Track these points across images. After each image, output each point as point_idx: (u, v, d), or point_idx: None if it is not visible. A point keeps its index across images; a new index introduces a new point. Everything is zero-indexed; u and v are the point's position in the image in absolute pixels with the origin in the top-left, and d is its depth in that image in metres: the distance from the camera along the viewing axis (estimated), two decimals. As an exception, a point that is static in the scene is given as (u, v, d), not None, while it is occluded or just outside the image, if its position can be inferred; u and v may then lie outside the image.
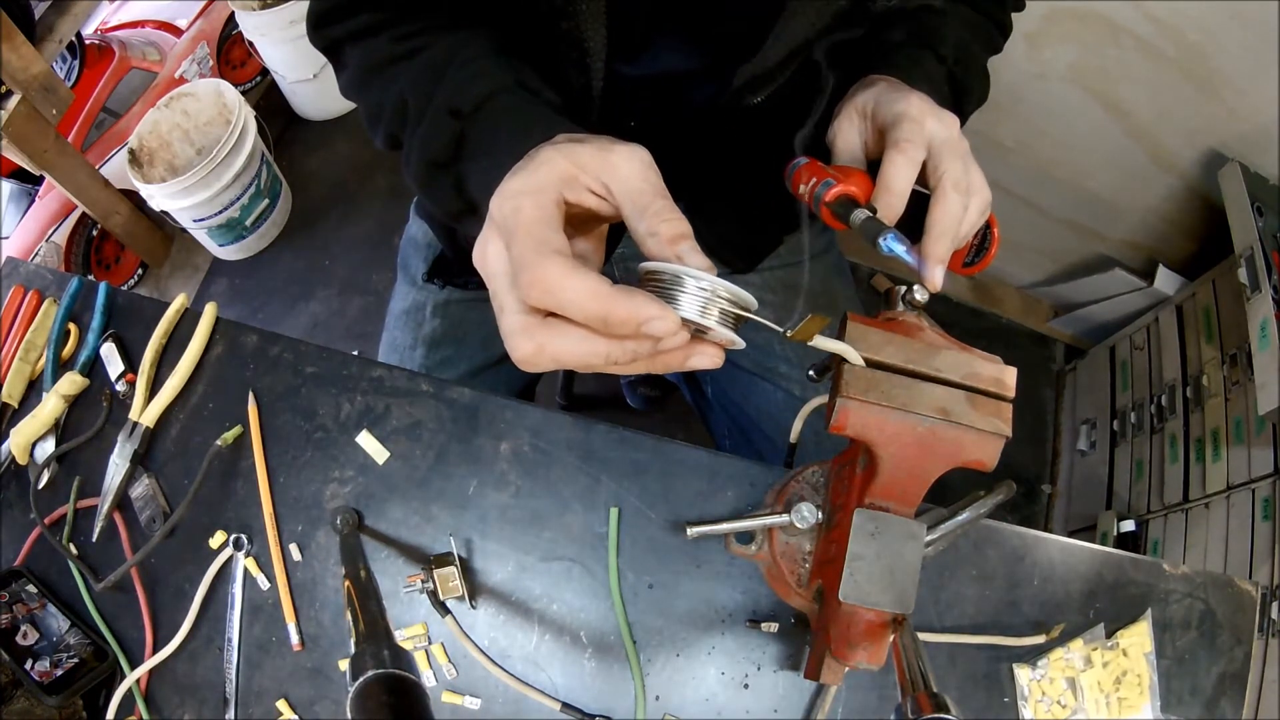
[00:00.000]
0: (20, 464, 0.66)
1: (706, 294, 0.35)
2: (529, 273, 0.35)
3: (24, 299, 0.70)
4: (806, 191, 0.53)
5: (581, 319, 0.34)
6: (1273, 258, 1.13)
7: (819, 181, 0.52)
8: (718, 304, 0.36)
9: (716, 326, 0.36)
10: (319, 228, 1.95)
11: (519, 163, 0.40)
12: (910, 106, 0.50)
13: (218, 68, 1.97)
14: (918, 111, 0.50)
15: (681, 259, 0.36)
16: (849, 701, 0.60)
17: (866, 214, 0.49)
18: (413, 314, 0.83)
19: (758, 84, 0.60)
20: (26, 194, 1.76)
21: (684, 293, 0.35)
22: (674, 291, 0.36)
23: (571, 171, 0.38)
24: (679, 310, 0.35)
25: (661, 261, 0.36)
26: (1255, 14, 1.07)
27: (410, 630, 0.61)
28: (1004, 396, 0.45)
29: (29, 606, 0.61)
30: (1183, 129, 1.29)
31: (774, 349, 0.81)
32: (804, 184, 0.54)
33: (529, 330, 0.36)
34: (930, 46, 0.59)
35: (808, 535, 0.55)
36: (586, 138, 0.40)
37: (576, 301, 0.34)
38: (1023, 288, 1.84)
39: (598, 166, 0.38)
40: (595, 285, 0.34)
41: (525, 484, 0.63)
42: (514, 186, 0.38)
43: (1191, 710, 0.62)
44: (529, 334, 0.36)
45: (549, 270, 0.34)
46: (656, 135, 0.68)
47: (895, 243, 0.46)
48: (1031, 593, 0.62)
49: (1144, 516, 1.37)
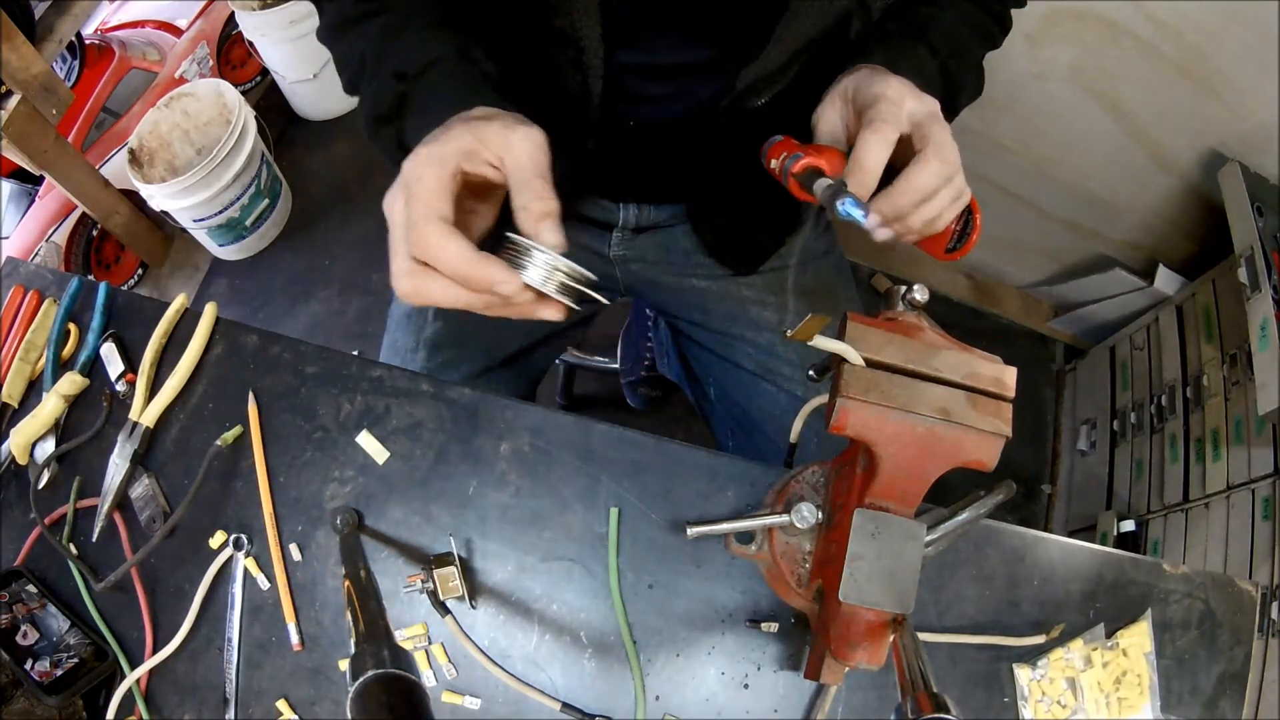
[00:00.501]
0: (20, 464, 0.66)
1: (549, 267, 0.44)
2: (416, 231, 0.43)
3: (24, 299, 0.70)
4: (778, 166, 0.54)
5: (448, 274, 0.43)
6: (1273, 258, 1.13)
7: (789, 155, 0.53)
8: (557, 276, 0.44)
9: (554, 294, 0.44)
10: (319, 228, 1.95)
11: (435, 130, 0.46)
12: (888, 88, 0.50)
13: (218, 68, 1.97)
14: (896, 93, 0.50)
15: (539, 234, 0.44)
16: (849, 701, 0.60)
17: (829, 181, 0.49)
18: (414, 317, 0.83)
19: (761, 86, 0.60)
20: (26, 194, 1.76)
21: (531, 264, 0.44)
22: (523, 261, 0.44)
23: (474, 146, 0.45)
24: (525, 276, 0.43)
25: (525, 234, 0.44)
26: (1255, 14, 1.07)
27: (410, 630, 0.61)
28: (1004, 396, 0.45)
29: (29, 606, 0.61)
30: (1183, 129, 1.29)
31: (777, 351, 0.81)
32: (776, 159, 0.54)
33: (411, 274, 0.44)
34: (923, 38, 0.59)
35: (808, 535, 0.55)
36: (496, 114, 0.47)
37: (446, 261, 0.42)
38: (1023, 288, 1.84)
39: (498, 143, 0.45)
40: (461, 250, 0.42)
41: (525, 484, 0.63)
42: (422, 155, 0.45)
43: (1191, 710, 0.62)
44: (410, 276, 0.44)
45: (430, 233, 0.42)
46: (658, 136, 0.69)
47: (853, 207, 0.46)
48: (1031, 593, 0.62)
49: (1144, 516, 1.37)
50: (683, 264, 0.83)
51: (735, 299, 0.83)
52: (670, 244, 0.82)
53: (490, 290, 0.43)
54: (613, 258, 0.83)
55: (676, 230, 0.81)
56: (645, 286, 0.87)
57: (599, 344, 1.51)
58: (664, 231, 0.81)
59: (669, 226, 0.81)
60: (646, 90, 0.65)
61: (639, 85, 0.64)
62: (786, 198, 0.56)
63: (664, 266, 0.84)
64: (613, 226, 0.80)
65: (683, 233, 0.81)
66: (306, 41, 1.82)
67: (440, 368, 0.81)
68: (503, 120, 0.46)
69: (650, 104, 0.66)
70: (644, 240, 0.82)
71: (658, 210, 0.79)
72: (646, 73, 0.63)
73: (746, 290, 0.83)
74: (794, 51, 0.58)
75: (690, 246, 0.81)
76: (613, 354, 1.42)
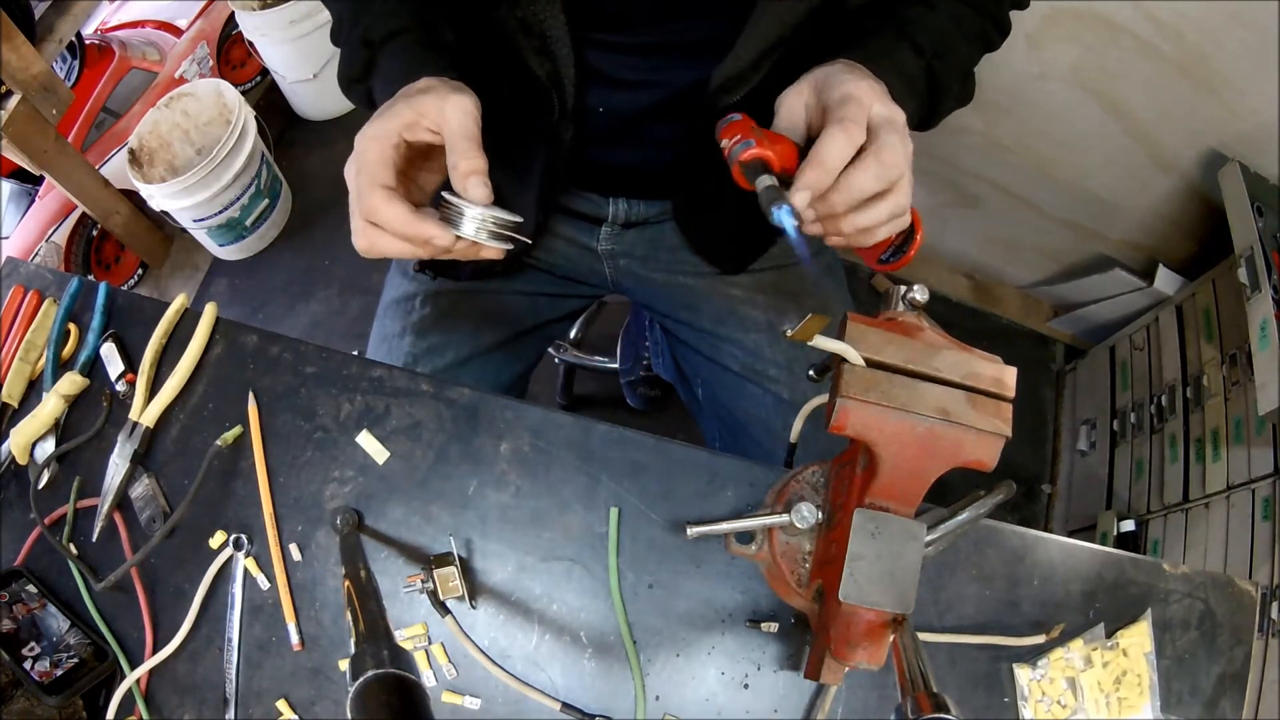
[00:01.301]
0: (20, 464, 0.66)
1: (479, 219, 0.51)
2: (364, 199, 0.51)
3: (24, 299, 0.70)
4: (727, 147, 0.53)
5: (392, 232, 0.51)
6: (1273, 258, 1.13)
7: (741, 140, 0.52)
8: (487, 226, 0.51)
9: (487, 241, 0.52)
10: (319, 228, 1.95)
11: (381, 105, 0.53)
12: (859, 89, 0.50)
13: (218, 68, 1.97)
14: (865, 95, 0.50)
15: (467, 189, 0.51)
16: (849, 701, 0.60)
17: (771, 181, 0.48)
18: (403, 303, 0.83)
19: (733, 84, 0.60)
20: (26, 194, 1.76)
21: (464, 219, 0.51)
22: (455, 217, 0.51)
23: (412, 118, 0.51)
24: (460, 230, 0.51)
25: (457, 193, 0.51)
26: (1255, 14, 1.07)
27: (410, 630, 0.61)
28: (1004, 396, 0.45)
29: (29, 606, 0.61)
30: (1183, 129, 1.29)
31: (763, 352, 0.80)
32: (728, 139, 0.53)
33: (364, 232, 0.52)
34: (909, 36, 0.57)
35: (808, 535, 0.55)
36: (433, 86, 0.53)
37: (389, 222, 0.50)
38: (1023, 288, 1.84)
39: (433, 113, 0.51)
40: (400, 213, 0.50)
41: (525, 484, 0.63)
42: (369, 131, 0.52)
43: (1191, 710, 0.62)
44: (364, 234, 0.52)
45: (375, 199, 0.50)
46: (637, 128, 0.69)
47: (788, 217, 0.45)
48: (1031, 593, 0.62)
49: (1144, 516, 1.37)
50: (671, 261, 0.83)
51: (723, 297, 0.82)
52: (659, 240, 0.82)
53: (428, 244, 0.51)
54: (601, 252, 0.83)
55: (665, 226, 0.81)
56: (634, 283, 0.87)
57: (598, 344, 1.51)
58: (653, 227, 0.81)
59: (658, 222, 0.81)
60: (619, 74, 0.65)
61: (610, 68, 0.64)
62: None
63: (653, 263, 0.84)
64: (602, 221, 0.80)
65: (671, 229, 0.81)
66: (306, 41, 1.82)
67: (426, 352, 0.80)
68: (437, 91, 0.52)
69: (626, 89, 0.66)
70: (633, 235, 0.82)
71: (647, 206, 0.79)
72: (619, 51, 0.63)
73: (735, 289, 0.82)
74: (763, 50, 0.58)
75: (678, 243, 0.81)
76: (612, 354, 1.42)
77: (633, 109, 0.67)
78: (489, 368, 0.84)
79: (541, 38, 0.59)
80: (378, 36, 0.59)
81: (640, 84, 0.66)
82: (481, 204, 0.51)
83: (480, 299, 0.84)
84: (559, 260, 0.85)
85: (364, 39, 0.60)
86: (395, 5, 0.60)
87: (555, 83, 0.62)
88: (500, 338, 0.85)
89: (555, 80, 0.62)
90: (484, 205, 0.51)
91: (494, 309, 0.84)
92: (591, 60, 0.63)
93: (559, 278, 0.88)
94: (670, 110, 0.66)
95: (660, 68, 0.65)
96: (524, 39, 0.60)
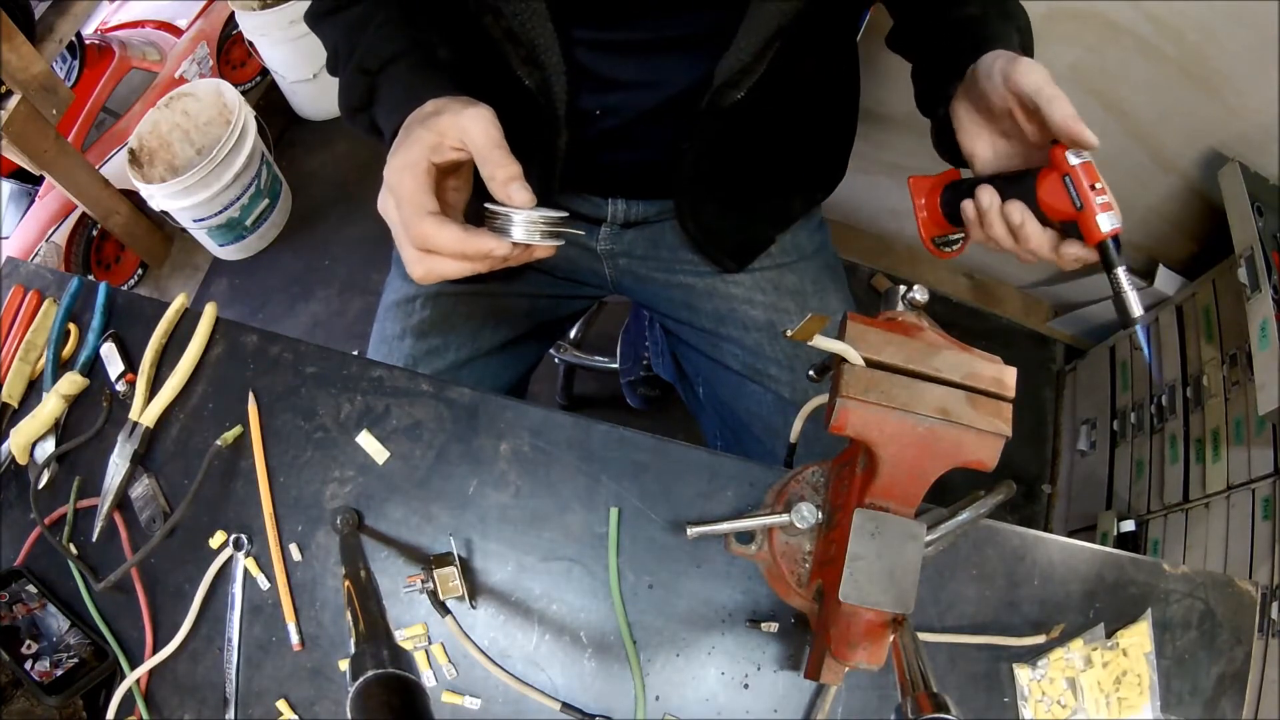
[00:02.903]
0: (20, 464, 0.66)
1: (529, 221, 0.52)
2: (413, 229, 0.51)
3: (24, 299, 0.70)
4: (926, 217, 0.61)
5: (449, 254, 0.51)
6: (1273, 258, 1.13)
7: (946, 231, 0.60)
8: (538, 227, 0.52)
9: (540, 241, 0.52)
10: (319, 228, 1.95)
11: (398, 138, 0.54)
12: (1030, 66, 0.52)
13: (218, 68, 1.97)
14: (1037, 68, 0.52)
15: (510, 197, 0.51)
16: (849, 701, 0.60)
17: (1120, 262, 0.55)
18: (403, 305, 0.83)
19: (738, 79, 0.60)
20: (26, 194, 1.76)
21: (513, 225, 0.52)
22: (506, 225, 0.52)
23: (435, 140, 0.52)
24: (513, 235, 0.52)
25: (500, 201, 0.52)
26: (1255, 14, 1.07)
27: (410, 630, 0.61)
28: (1004, 396, 0.45)
29: (29, 606, 0.61)
30: (1183, 129, 1.29)
31: (764, 351, 0.80)
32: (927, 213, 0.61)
33: (420, 260, 0.52)
34: (1010, 17, 0.60)
35: (808, 535, 0.55)
36: (444, 105, 0.53)
37: (444, 245, 0.51)
38: (1023, 288, 1.84)
39: (453, 131, 0.51)
40: (454, 233, 0.50)
41: (525, 484, 0.63)
42: (397, 163, 0.52)
43: (1191, 710, 0.62)
44: (420, 262, 0.52)
45: (426, 227, 0.51)
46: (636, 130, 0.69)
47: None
48: (1031, 593, 0.62)
49: (1144, 516, 1.37)
50: (671, 260, 0.83)
51: (723, 297, 0.83)
52: (659, 239, 0.82)
53: (487, 257, 0.51)
54: (600, 253, 0.83)
55: (665, 226, 0.81)
56: (634, 282, 0.87)
57: (598, 344, 1.51)
58: (653, 227, 0.81)
59: (658, 222, 0.81)
60: (614, 75, 0.65)
61: (604, 69, 0.64)
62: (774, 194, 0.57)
63: (653, 262, 0.84)
64: (601, 221, 0.80)
65: (671, 228, 0.81)
66: (306, 41, 1.82)
67: (426, 354, 0.80)
68: (451, 109, 0.52)
69: (622, 90, 0.66)
70: (632, 235, 0.82)
71: (646, 205, 0.79)
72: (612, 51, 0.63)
73: (735, 288, 0.82)
74: (765, 40, 0.58)
75: (678, 242, 0.81)
76: (612, 354, 1.42)
77: (631, 109, 0.67)
78: (489, 370, 0.84)
79: (530, 46, 0.59)
80: (375, 64, 0.59)
81: (636, 84, 0.65)
82: (528, 207, 0.51)
83: (480, 301, 0.84)
84: (559, 261, 0.85)
85: (361, 67, 0.60)
86: (389, 30, 0.60)
87: (544, 92, 0.62)
88: (500, 340, 0.85)
89: (544, 89, 0.61)
90: (530, 208, 0.52)
91: (494, 311, 0.84)
92: (584, 62, 0.63)
93: (559, 279, 0.88)
94: (670, 110, 0.66)
95: (656, 67, 0.64)
96: (511, 48, 0.60)
